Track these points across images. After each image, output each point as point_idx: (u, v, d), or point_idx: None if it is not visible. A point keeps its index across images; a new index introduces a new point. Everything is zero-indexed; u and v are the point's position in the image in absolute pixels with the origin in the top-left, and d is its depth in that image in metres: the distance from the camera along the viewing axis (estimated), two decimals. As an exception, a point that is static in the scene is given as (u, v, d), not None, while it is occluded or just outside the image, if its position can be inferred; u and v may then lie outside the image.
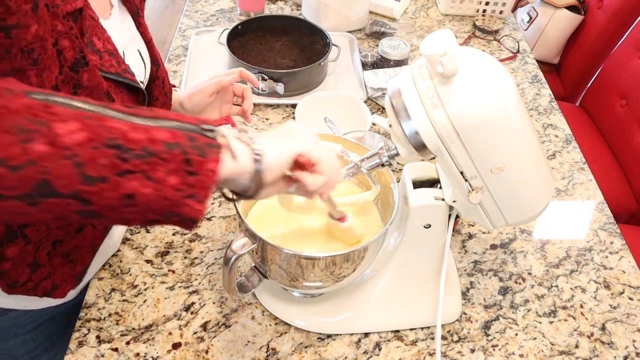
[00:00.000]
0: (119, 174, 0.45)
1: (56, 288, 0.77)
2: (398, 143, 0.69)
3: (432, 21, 1.61)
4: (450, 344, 0.85)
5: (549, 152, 1.22)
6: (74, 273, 0.79)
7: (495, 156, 0.65)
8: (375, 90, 1.26)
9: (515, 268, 0.97)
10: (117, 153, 0.44)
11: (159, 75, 0.83)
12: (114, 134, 0.44)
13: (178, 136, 0.48)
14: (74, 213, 0.45)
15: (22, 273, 0.72)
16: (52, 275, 0.76)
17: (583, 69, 1.93)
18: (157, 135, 0.47)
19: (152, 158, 0.46)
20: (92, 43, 0.64)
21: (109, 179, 0.44)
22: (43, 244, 0.72)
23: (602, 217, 1.08)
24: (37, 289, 0.75)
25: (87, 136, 0.43)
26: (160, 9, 3.28)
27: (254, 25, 1.38)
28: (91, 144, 0.43)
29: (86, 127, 0.43)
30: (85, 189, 0.44)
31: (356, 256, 0.74)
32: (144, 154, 0.45)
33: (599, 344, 0.87)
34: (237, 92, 0.92)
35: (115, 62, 0.68)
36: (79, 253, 0.78)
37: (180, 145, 0.47)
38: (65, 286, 0.79)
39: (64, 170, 0.42)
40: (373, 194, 0.79)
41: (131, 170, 0.45)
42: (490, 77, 0.63)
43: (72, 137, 0.42)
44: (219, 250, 0.95)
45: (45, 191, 0.42)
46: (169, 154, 0.47)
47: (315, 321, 0.85)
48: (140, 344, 0.82)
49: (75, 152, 0.42)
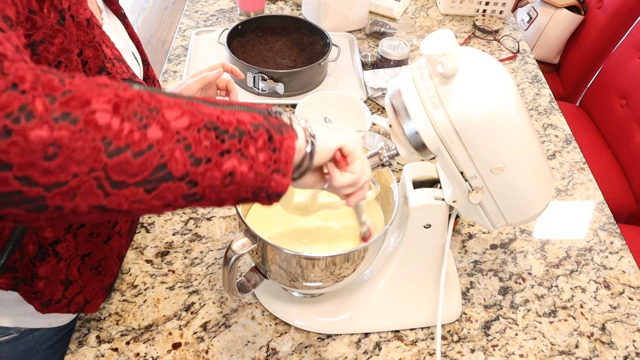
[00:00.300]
0: (220, 154, 0.47)
1: (88, 302, 0.77)
2: (398, 143, 0.69)
3: (432, 21, 1.61)
4: (450, 344, 0.85)
5: (549, 152, 1.22)
6: (104, 285, 0.79)
7: (495, 156, 0.65)
8: (375, 90, 1.26)
9: (515, 268, 0.97)
10: (216, 134, 0.47)
11: (149, 75, 0.84)
12: (210, 117, 0.47)
13: (256, 117, 0.51)
14: (181, 197, 0.47)
15: (56, 291, 0.71)
16: (84, 289, 0.75)
17: (583, 69, 1.93)
18: (241, 117, 0.50)
19: (245, 137, 0.49)
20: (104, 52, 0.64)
21: (212, 159, 0.47)
22: (73, 260, 0.71)
23: (602, 217, 1.08)
24: (71, 305, 0.75)
25: (189, 120, 0.46)
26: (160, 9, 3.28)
27: (254, 25, 1.38)
28: (195, 127, 0.46)
29: (186, 113, 0.46)
30: (194, 170, 0.46)
31: (356, 256, 0.74)
32: (237, 134, 0.48)
33: (599, 344, 0.87)
34: (221, 86, 0.91)
35: (125, 68, 0.68)
36: (107, 264, 0.78)
37: (262, 125, 0.51)
38: (97, 300, 0.79)
39: (176, 154, 0.44)
40: (373, 194, 0.79)
41: (229, 150, 0.48)
42: (490, 77, 0.63)
43: (179, 122, 0.45)
44: (219, 250, 0.95)
45: (162, 175, 0.44)
46: (257, 132, 0.50)
47: (315, 321, 0.85)
48: (140, 344, 0.82)
49: (183, 135, 0.45)
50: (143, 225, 0.98)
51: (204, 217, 1.00)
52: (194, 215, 1.00)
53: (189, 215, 1.00)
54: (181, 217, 1.00)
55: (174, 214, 1.00)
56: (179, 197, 0.47)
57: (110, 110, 0.41)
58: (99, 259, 0.76)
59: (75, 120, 0.39)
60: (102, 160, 0.40)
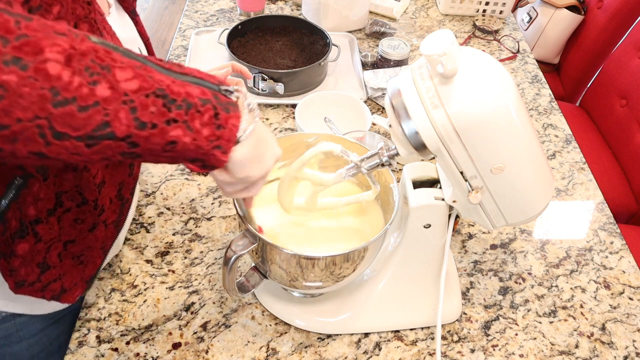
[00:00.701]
0: (166, 122, 0.48)
1: (65, 292, 0.76)
2: (398, 143, 0.69)
3: (432, 21, 1.61)
4: (450, 344, 0.85)
5: (549, 152, 1.22)
6: (84, 276, 0.78)
7: (495, 156, 0.65)
8: (375, 90, 1.26)
9: (515, 268, 0.97)
10: (164, 102, 0.48)
11: None
12: (160, 84, 0.48)
13: (206, 93, 0.52)
14: (120, 154, 0.49)
15: (31, 273, 0.70)
16: (62, 277, 0.74)
17: (583, 69, 1.93)
18: (191, 90, 0.51)
19: (192, 110, 0.50)
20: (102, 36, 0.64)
21: (158, 126, 0.48)
22: (54, 244, 0.71)
23: (602, 217, 1.08)
24: (45, 291, 0.74)
25: (139, 84, 0.46)
26: (160, 9, 3.28)
27: (254, 25, 1.38)
28: (144, 92, 0.47)
29: (138, 76, 0.47)
30: (137, 133, 0.47)
31: (356, 256, 0.74)
32: (184, 105, 0.50)
33: (599, 344, 0.87)
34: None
35: None
36: (90, 255, 0.77)
37: (210, 101, 0.52)
38: (75, 290, 0.77)
39: (122, 115, 0.45)
40: (373, 194, 0.79)
41: (176, 120, 0.49)
42: (490, 77, 0.63)
43: (128, 84, 0.46)
44: (219, 250, 0.95)
45: (104, 133, 0.45)
46: (204, 107, 0.51)
47: (315, 321, 0.85)
48: (140, 344, 0.82)
49: (131, 98, 0.46)
50: (143, 225, 0.98)
51: (204, 217, 1.00)
52: (194, 215, 1.00)
53: (189, 215, 1.00)
54: (181, 217, 1.00)
55: (174, 214, 1.00)
56: (117, 154, 0.48)
57: (62, 62, 0.41)
58: (82, 248, 0.74)
59: (26, 66, 0.40)
60: (47, 110, 0.41)
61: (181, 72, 0.52)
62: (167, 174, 1.07)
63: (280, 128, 1.20)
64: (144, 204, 1.01)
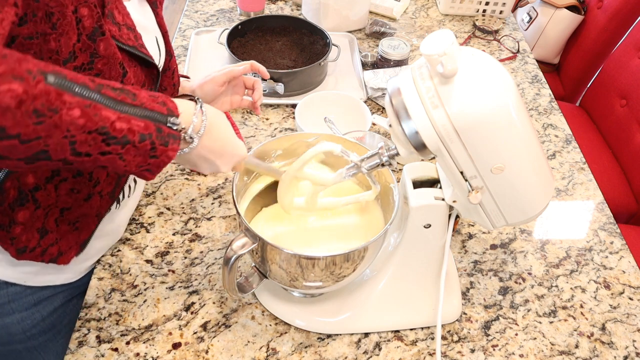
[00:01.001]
0: (100, 153, 0.55)
1: (62, 254, 0.80)
2: (398, 143, 0.69)
3: (432, 21, 1.61)
4: (450, 344, 0.85)
5: (549, 152, 1.22)
6: (79, 240, 0.82)
7: (495, 156, 0.65)
8: (375, 90, 1.26)
9: (515, 268, 0.97)
10: (104, 138, 0.55)
11: (170, 66, 0.86)
12: (105, 122, 0.54)
13: (149, 127, 0.58)
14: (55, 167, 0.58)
15: (32, 238, 0.75)
16: (59, 241, 0.78)
17: (583, 69, 1.93)
18: (134, 126, 0.57)
19: (128, 145, 0.57)
20: (113, 15, 0.67)
21: (92, 155, 0.55)
22: (52, 210, 0.75)
23: (602, 217, 1.08)
24: (45, 254, 0.78)
25: (84, 123, 0.52)
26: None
27: (254, 25, 1.38)
28: (87, 129, 0.53)
29: (84, 115, 0.52)
30: (72, 159, 0.54)
31: (356, 256, 0.74)
32: (122, 142, 0.56)
33: (599, 344, 0.87)
34: (248, 85, 0.95)
35: (133, 37, 0.71)
36: (85, 221, 0.80)
37: (150, 136, 0.58)
38: (70, 253, 0.81)
39: (61, 146, 0.52)
40: (373, 194, 0.79)
41: (110, 152, 0.56)
42: (490, 77, 0.63)
43: (74, 123, 0.52)
44: (219, 250, 0.95)
45: (42, 157, 0.52)
46: (141, 143, 0.58)
47: (315, 321, 0.85)
48: (140, 344, 0.82)
49: (73, 134, 0.52)
50: (143, 225, 0.98)
51: (204, 217, 1.00)
52: (194, 215, 1.00)
53: (189, 215, 1.00)
54: (181, 217, 1.00)
55: (174, 214, 1.00)
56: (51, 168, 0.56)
57: (13, 106, 0.47)
58: (77, 215, 0.79)
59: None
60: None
61: (132, 104, 0.57)
62: (167, 174, 1.07)
63: (280, 128, 1.20)
64: (144, 204, 1.01)
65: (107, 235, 0.89)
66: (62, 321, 0.90)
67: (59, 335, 0.90)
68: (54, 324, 0.89)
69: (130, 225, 0.97)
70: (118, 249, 0.94)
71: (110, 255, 0.93)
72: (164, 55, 0.83)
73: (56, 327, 0.90)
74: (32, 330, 0.87)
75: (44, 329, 0.89)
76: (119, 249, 0.94)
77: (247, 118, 1.22)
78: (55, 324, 0.90)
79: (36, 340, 0.89)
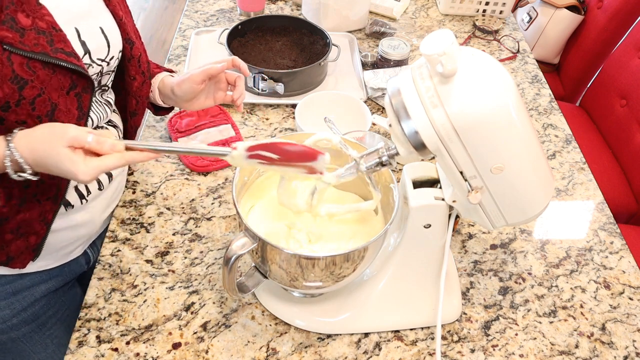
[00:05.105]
0: None
1: (12, 259, 0.80)
2: (398, 143, 0.69)
3: (432, 21, 1.61)
4: (450, 344, 0.85)
5: (549, 152, 1.22)
6: (29, 245, 0.81)
7: (495, 156, 0.65)
8: (375, 90, 1.26)
9: (515, 268, 0.97)
10: None
11: (133, 54, 0.83)
12: None
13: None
14: None
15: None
16: (5, 248, 0.79)
17: (583, 69, 1.93)
18: None
19: None
20: (15, 20, 0.64)
21: None
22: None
23: (602, 217, 1.08)
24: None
25: None
26: (160, 9, 3.28)
27: (254, 25, 1.38)
28: None
29: None
30: None
31: (356, 256, 0.74)
32: None
33: (599, 344, 0.87)
34: (230, 80, 0.92)
35: (46, 41, 0.67)
36: (29, 226, 0.79)
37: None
38: (23, 257, 0.81)
39: None
40: (374, 203, 0.79)
41: None
42: (490, 77, 0.63)
43: None
44: (219, 250, 0.95)
45: None
46: None
47: (315, 321, 0.85)
48: (140, 344, 0.82)
49: None
50: (143, 225, 0.98)
51: (204, 217, 1.00)
52: (194, 215, 1.00)
53: (189, 215, 1.00)
54: (181, 217, 1.00)
55: (174, 214, 1.00)
56: None
57: None
58: (17, 222, 0.78)
59: None
60: None
61: None
62: (167, 174, 1.07)
63: (280, 128, 1.20)
64: (144, 204, 1.01)
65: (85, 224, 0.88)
66: (46, 312, 0.90)
67: (44, 327, 0.90)
68: (37, 314, 0.89)
69: (130, 225, 0.97)
70: (118, 249, 0.94)
71: (110, 255, 0.93)
72: (120, 45, 0.80)
73: (40, 319, 0.90)
74: (13, 320, 0.87)
75: (25, 320, 0.89)
76: (119, 249, 0.94)
77: (247, 118, 1.22)
78: (39, 315, 0.89)
79: (19, 331, 0.89)
